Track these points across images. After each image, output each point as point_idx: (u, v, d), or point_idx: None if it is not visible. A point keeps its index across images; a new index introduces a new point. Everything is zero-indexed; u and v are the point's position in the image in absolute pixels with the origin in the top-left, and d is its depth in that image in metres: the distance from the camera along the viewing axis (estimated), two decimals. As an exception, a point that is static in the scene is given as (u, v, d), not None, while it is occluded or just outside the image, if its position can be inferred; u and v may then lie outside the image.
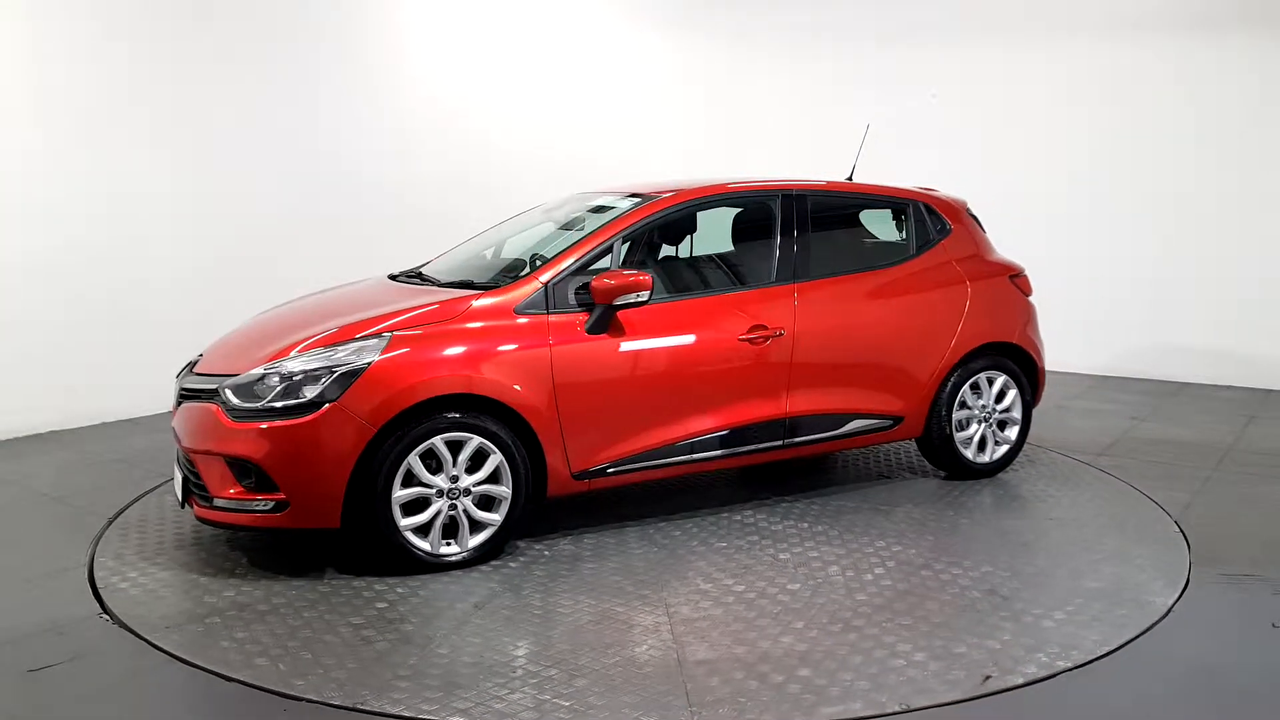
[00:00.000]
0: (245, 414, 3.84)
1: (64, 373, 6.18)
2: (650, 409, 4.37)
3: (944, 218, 5.31)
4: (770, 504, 4.86)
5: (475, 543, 4.04)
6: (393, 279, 4.97)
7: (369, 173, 7.55)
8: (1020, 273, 5.45)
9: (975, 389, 5.21)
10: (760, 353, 4.58)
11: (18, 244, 5.97)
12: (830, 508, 4.82)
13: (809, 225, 4.88)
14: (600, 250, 4.38)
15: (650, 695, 3.04)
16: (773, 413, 4.65)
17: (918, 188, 5.48)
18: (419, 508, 3.95)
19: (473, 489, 4.01)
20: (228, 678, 3.18)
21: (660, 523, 4.60)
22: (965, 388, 5.16)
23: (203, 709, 3.11)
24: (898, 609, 3.67)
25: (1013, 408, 5.33)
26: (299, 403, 3.80)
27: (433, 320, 4.07)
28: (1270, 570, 4.03)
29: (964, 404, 5.18)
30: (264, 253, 6.99)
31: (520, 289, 4.22)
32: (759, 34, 9.44)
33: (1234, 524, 4.62)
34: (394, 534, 3.90)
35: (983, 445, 5.28)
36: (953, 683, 3.12)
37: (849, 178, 5.54)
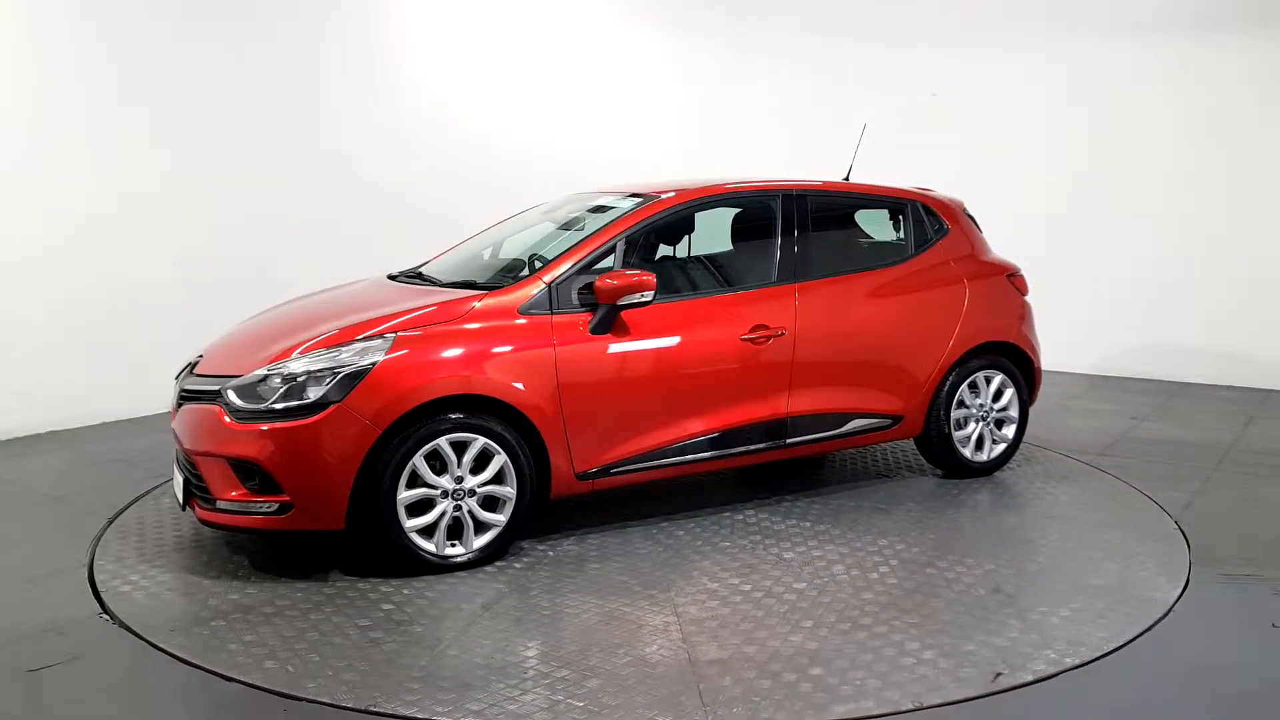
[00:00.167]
0: (249, 415, 3.81)
1: (64, 373, 6.16)
2: (653, 409, 4.37)
3: (941, 218, 5.34)
4: (771, 503, 4.87)
5: (480, 543, 4.03)
6: (392, 279, 4.95)
7: (369, 172, 7.52)
8: (1016, 272, 5.48)
9: (973, 388, 5.24)
10: (762, 352, 4.58)
11: (17, 244, 5.95)
12: (831, 506, 4.84)
13: (809, 225, 4.89)
14: (604, 250, 4.37)
15: (664, 695, 3.04)
16: (775, 412, 4.65)
17: (915, 188, 5.50)
18: (423, 509, 3.93)
19: (477, 490, 4.00)
20: (230, 678, 3.16)
21: (663, 522, 4.60)
22: (963, 387, 5.19)
23: (203, 709, 3.09)
24: (905, 607, 3.69)
25: (1010, 406, 5.36)
26: (303, 404, 3.77)
27: (436, 321, 4.05)
28: (1270, 570, 4.05)
29: (962, 403, 5.21)
30: (264, 253, 6.97)
31: (524, 289, 4.21)
32: (758, 34, 9.43)
33: (1234, 524, 4.62)
34: (399, 535, 3.88)
35: (980, 444, 5.31)
36: (964, 680, 3.13)
37: (846, 178, 5.55)
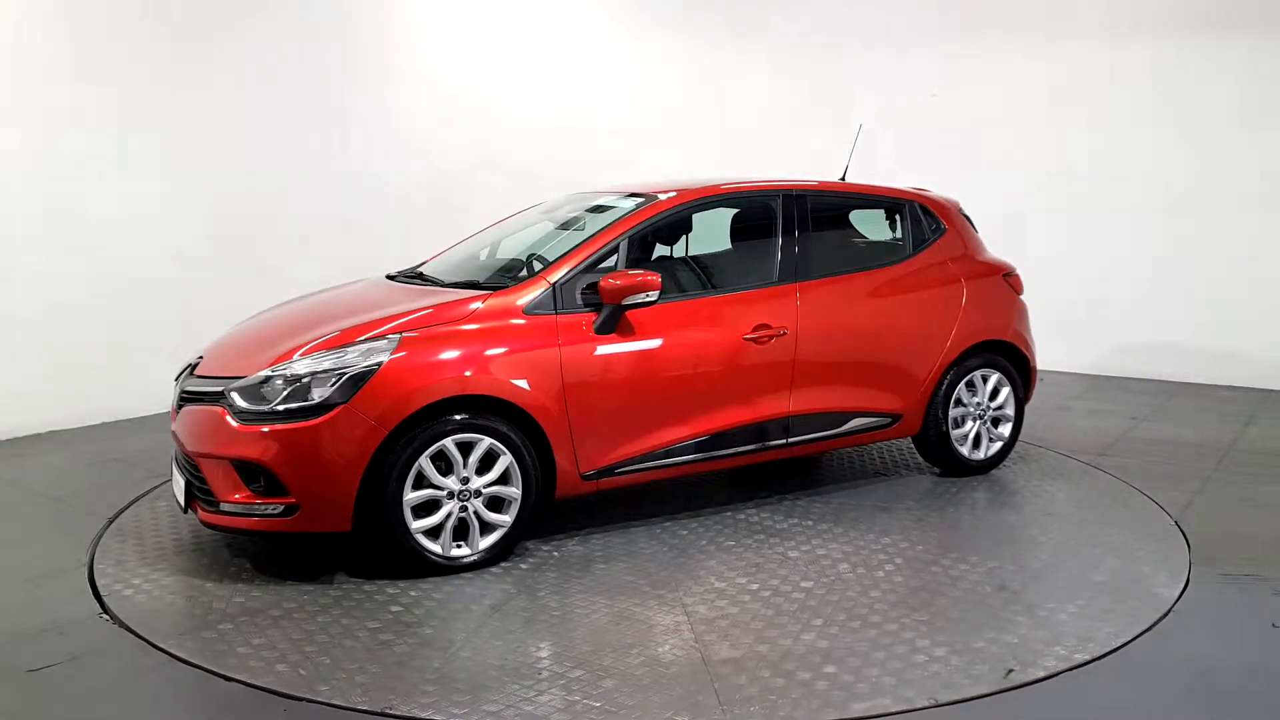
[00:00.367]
0: (253, 417, 3.78)
1: (64, 373, 6.14)
2: (657, 408, 4.36)
3: (938, 218, 5.37)
4: (773, 502, 4.88)
5: (486, 544, 4.02)
6: (391, 279, 4.93)
7: (369, 172, 7.51)
8: (1012, 271, 5.52)
9: (970, 386, 5.27)
10: (764, 352, 4.59)
11: (17, 244, 5.93)
12: (832, 505, 4.85)
13: (809, 225, 4.91)
14: (607, 250, 4.37)
15: (680, 695, 3.04)
16: (777, 411, 4.66)
17: (911, 188, 5.53)
18: (429, 510, 3.91)
19: (483, 490, 3.98)
20: (230, 678, 3.15)
21: (666, 522, 4.60)
22: (961, 385, 5.22)
23: (202, 709, 3.09)
24: (912, 605, 3.71)
25: (1006, 405, 5.40)
26: (308, 405, 3.75)
27: (441, 321, 4.03)
28: (1270, 570, 4.05)
29: (959, 401, 5.24)
30: (264, 252, 6.96)
31: (528, 289, 4.20)
32: (758, 34, 9.42)
33: (1234, 524, 4.62)
34: (405, 537, 3.87)
35: (977, 442, 5.34)
36: (976, 677, 3.15)
37: (842, 178, 5.57)
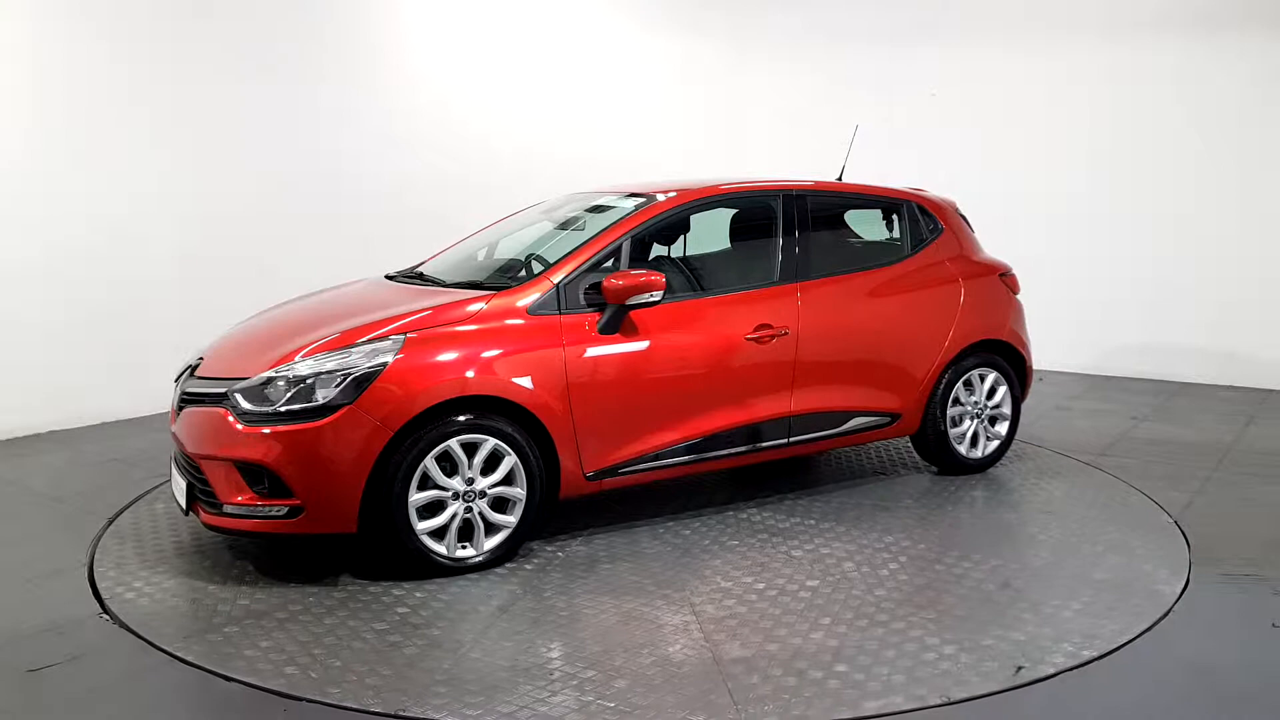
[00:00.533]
0: (257, 418, 3.75)
1: (64, 373, 6.12)
2: (661, 408, 4.37)
3: (936, 218, 5.40)
4: (774, 502, 4.90)
5: (491, 545, 4.01)
6: (390, 279, 4.91)
7: (369, 172, 7.49)
8: (1008, 271, 5.56)
9: (967, 385, 5.30)
10: (766, 351, 4.60)
11: (17, 244, 5.91)
12: (833, 504, 4.87)
13: (810, 225, 4.92)
14: (610, 250, 4.36)
15: (693, 694, 3.04)
16: (778, 411, 4.67)
17: (908, 188, 5.56)
18: (434, 511, 3.90)
19: (488, 491, 3.97)
20: (230, 678, 3.15)
21: (668, 522, 4.60)
22: (959, 384, 5.25)
23: (202, 709, 3.09)
24: (918, 603, 3.73)
25: (1003, 404, 5.43)
26: (314, 406, 3.73)
27: (445, 321, 4.01)
28: (1270, 570, 4.06)
29: (957, 400, 5.27)
30: (264, 252, 6.93)
31: (532, 289, 4.19)
32: (758, 34, 9.42)
33: (1234, 524, 4.63)
34: (411, 538, 3.85)
35: (975, 441, 5.37)
36: (987, 674, 3.17)
37: (839, 178, 5.59)
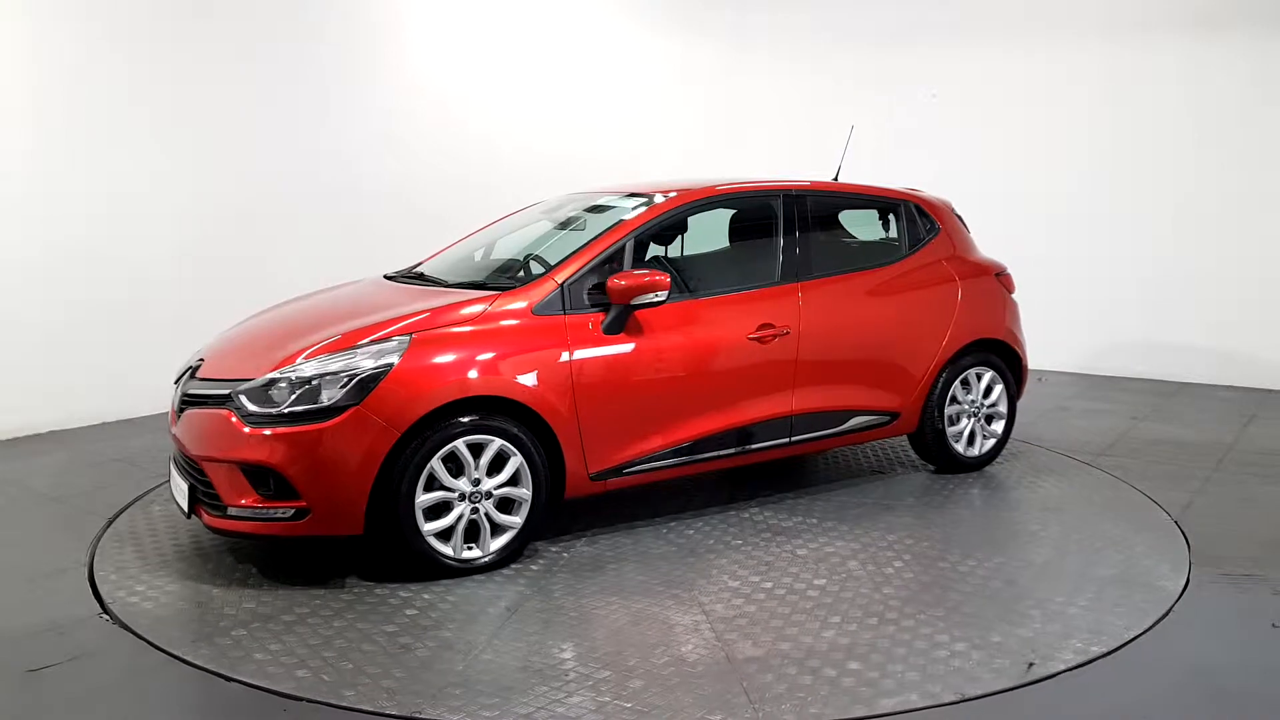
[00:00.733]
0: (263, 420, 3.72)
1: (64, 373, 6.08)
2: (665, 408, 4.37)
3: (932, 218, 5.43)
4: (775, 501, 4.91)
5: (497, 546, 3.99)
6: (389, 279, 4.89)
7: (369, 173, 7.46)
8: (1003, 271, 5.59)
9: (965, 384, 5.34)
10: (768, 351, 4.61)
11: (17, 244, 5.88)
12: (834, 503, 4.89)
13: (810, 225, 4.94)
14: (614, 250, 4.36)
15: (710, 694, 3.04)
16: (780, 410, 4.68)
17: (905, 188, 5.58)
18: (439, 512, 3.88)
19: (494, 492, 3.96)
20: (230, 678, 3.15)
21: (671, 522, 4.60)
22: (956, 383, 5.28)
23: (203, 709, 3.08)
24: (925, 601, 3.75)
25: (999, 402, 5.47)
26: (320, 407, 3.70)
27: (451, 322, 4.00)
28: (1270, 570, 4.06)
29: (955, 399, 5.30)
30: (264, 252, 6.91)
31: (537, 289, 4.18)
32: (759, 34, 9.42)
33: (1234, 524, 4.63)
34: (417, 539, 3.83)
35: (971, 439, 5.41)
36: (999, 671, 3.19)
37: (835, 178, 5.61)
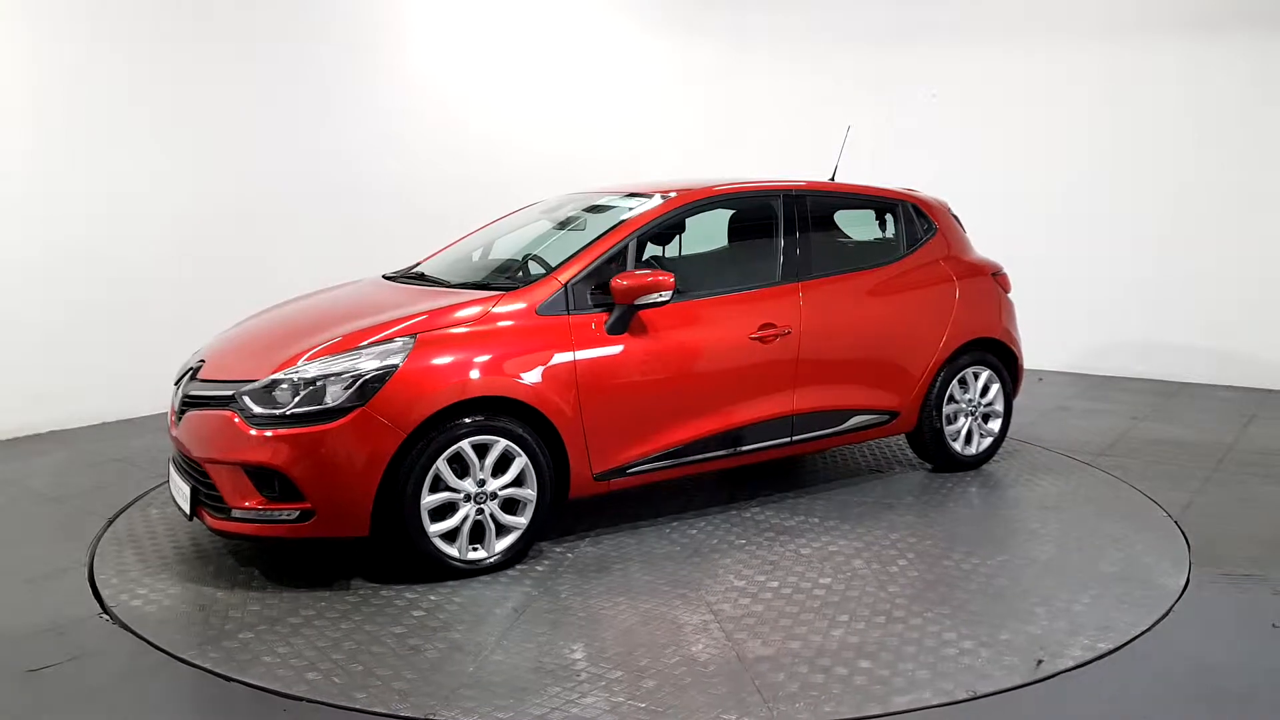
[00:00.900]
0: (268, 421, 3.70)
1: (64, 373, 6.06)
2: (668, 408, 4.37)
3: (930, 218, 5.45)
4: (775, 500, 4.92)
5: (503, 546, 3.98)
6: (388, 279, 4.87)
7: (369, 173, 7.44)
8: (999, 270, 5.63)
9: (962, 383, 5.37)
10: (769, 351, 4.62)
11: (17, 244, 5.85)
12: (834, 502, 4.90)
13: (810, 225, 4.95)
14: (616, 250, 4.35)
15: (723, 693, 3.04)
16: (781, 410, 4.69)
17: (901, 188, 5.61)
18: (444, 513, 3.87)
19: (499, 493, 3.95)
20: (229, 678, 3.14)
21: (673, 521, 4.60)
22: (954, 382, 5.31)
23: (203, 709, 3.07)
24: (931, 599, 3.76)
25: (995, 401, 5.50)
26: (325, 408, 3.68)
27: (455, 323, 3.98)
28: (1270, 570, 4.06)
29: (952, 398, 5.33)
30: (264, 252, 6.89)
31: (541, 289, 4.17)
32: (758, 34, 9.43)
33: (1234, 524, 4.63)
34: (423, 540, 3.82)
35: (969, 438, 5.44)
36: (1010, 668, 3.21)
37: (831, 178, 5.63)
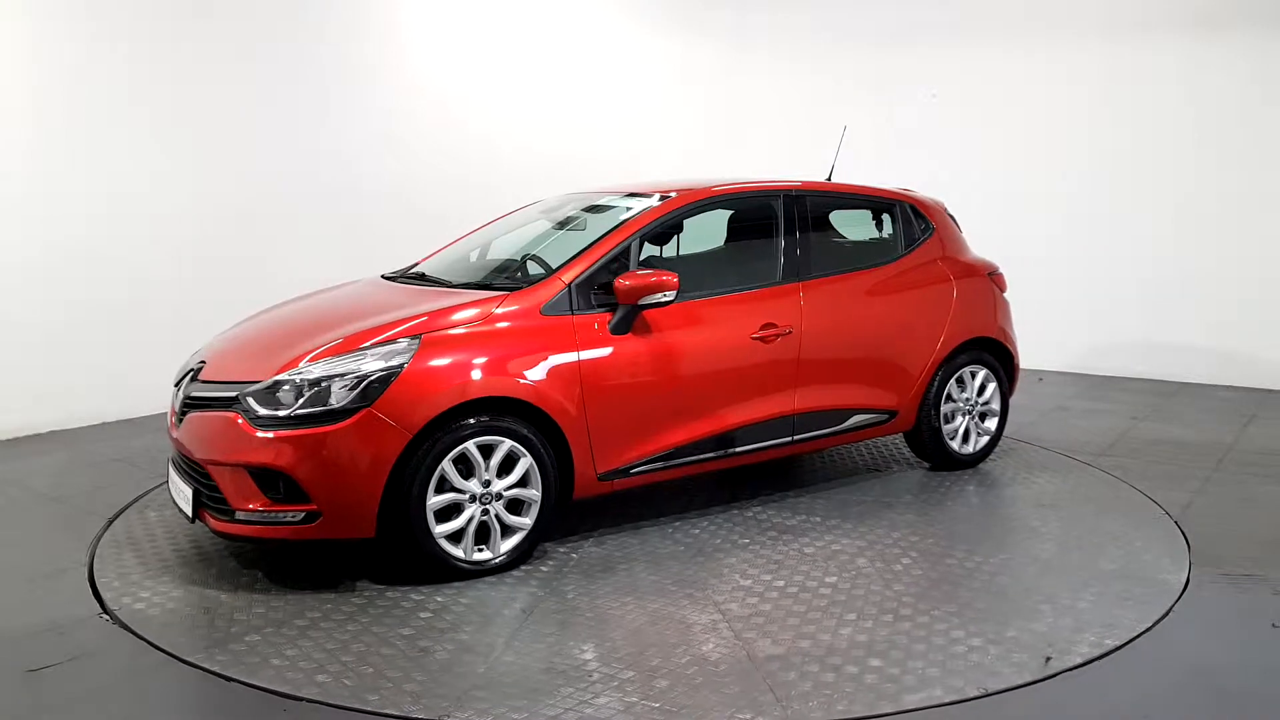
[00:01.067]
0: (272, 422, 3.67)
1: (64, 373, 6.03)
2: (671, 408, 4.37)
3: (927, 218, 5.48)
4: (776, 500, 4.93)
5: (508, 547, 3.98)
6: (388, 279, 4.85)
7: (369, 173, 7.42)
8: (995, 270, 5.66)
9: (959, 383, 5.40)
10: (771, 350, 4.63)
11: (17, 244, 5.82)
12: (835, 501, 4.92)
13: (810, 225, 4.97)
14: (619, 250, 4.35)
15: (736, 693, 3.05)
16: (782, 409, 4.70)
17: (898, 189, 5.63)
18: (449, 514, 3.86)
19: (504, 493, 3.94)
20: (230, 678, 3.14)
21: (676, 521, 4.60)
22: (951, 381, 5.34)
23: (203, 709, 3.06)
24: (936, 597, 3.78)
25: (992, 400, 5.54)
26: (330, 409, 3.66)
27: (459, 323, 3.97)
28: (1270, 570, 4.07)
29: (950, 397, 5.36)
30: (264, 252, 6.86)
31: (545, 289, 4.16)
32: (759, 34, 9.43)
33: (1234, 524, 4.64)
34: (428, 541, 3.80)
35: (966, 437, 5.47)
36: (1019, 666, 3.23)
37: (828, 178, 5.64)
